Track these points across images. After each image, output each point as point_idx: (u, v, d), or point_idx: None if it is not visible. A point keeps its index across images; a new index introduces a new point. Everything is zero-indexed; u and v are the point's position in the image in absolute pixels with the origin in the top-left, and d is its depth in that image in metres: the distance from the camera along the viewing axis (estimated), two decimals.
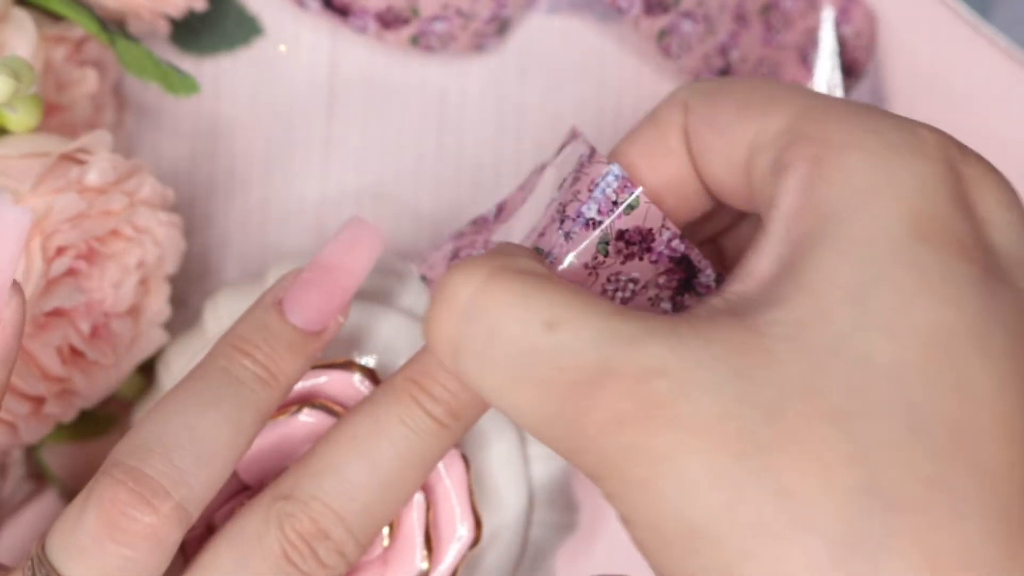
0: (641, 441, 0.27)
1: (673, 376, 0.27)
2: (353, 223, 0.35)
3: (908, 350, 0.27)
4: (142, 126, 0.50)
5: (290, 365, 0.34)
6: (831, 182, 0.28)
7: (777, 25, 0.50)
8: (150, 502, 0.32)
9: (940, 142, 0.29)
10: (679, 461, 0.26)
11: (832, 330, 0.27)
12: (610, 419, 0.27)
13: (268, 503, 0.33)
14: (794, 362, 0.27)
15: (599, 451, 0.28)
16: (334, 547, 0.33)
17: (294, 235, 0.50)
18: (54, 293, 0.40)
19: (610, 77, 0.51)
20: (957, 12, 0.51)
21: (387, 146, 0.51)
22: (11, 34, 0.41)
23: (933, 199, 0.28)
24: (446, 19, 0.48)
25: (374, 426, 0.33)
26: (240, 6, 0.50)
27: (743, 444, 0.26)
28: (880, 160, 0.28)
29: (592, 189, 0.32)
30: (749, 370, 0.27)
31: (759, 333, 0.27)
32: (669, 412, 0.27)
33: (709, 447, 0.26)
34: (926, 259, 0.27)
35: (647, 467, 0.27)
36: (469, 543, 0.37)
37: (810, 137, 0.29)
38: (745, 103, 0.31)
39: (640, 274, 0.32)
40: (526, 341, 0.28)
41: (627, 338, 0.28)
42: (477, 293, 0.29)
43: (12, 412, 0.40)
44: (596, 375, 0.27)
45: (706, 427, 0.26)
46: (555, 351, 0.28)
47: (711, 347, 0.27)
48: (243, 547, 0.33)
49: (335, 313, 0.35)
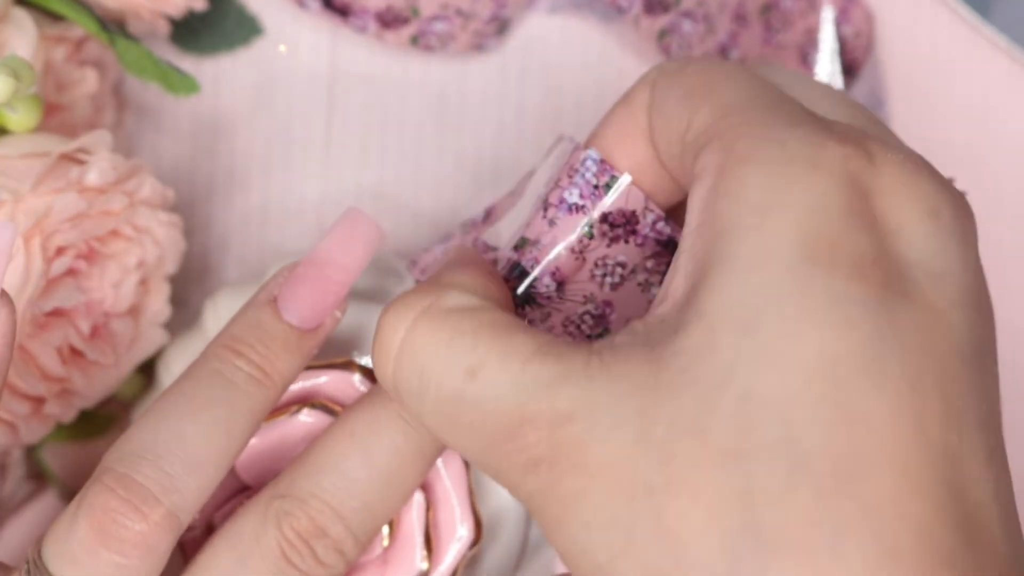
0: (552, 484, 0.28)
1: (580, 420, 0.27)
2: (349, 216, 0.35)
3: (792, 383, 0.26)
4: (142, 126, 0.50)
5: (285, 364, 0.34)
6: (728, 197, 0.28)
7: (777, 25, 0.50)
8: (140, 509, 0.31)
9: (844, 155, 0.28)
10: (582, 504, 0.27)
11: (720, 362, 0.26)
12: (528, 462, 0.28)
13: (266, 502, 0.33)
14: (686, 397, 0.26)
15: (523, 492, 0.28)
16: (332, 545, 0.33)
17: (294, 235, 0.50)
18: (54, 293, 0.40)
19: (610, 77, 0.51)
20: (957, 12, 0.51)
21: (387, 146, 0.51)
22: (11, 34, 0.41)
23: (827, 217, 0.27)
24: (446, 19, 0.48)
25: (372, 422, 0.33)
26: (240, 6, 0.50)
27: (636, 487, 0.26)
28: (775, 175, 0.27)
29: (572, 175, 0.32)
30: (648, 408, 0.27)
31: (661, 366, 0.27)
32: (576, 456, 0.27)
33: (607, 490, 0.27)
34: (815, 284, 0.26)
35: (558, 509, 0.28)
36: (469, 543, 0.37)
37: (721, 144, 0.29)
38: (690, 90, 0.30)
39: (627, 258, 0.32)
40: (451, 388, 0.29)
41: (544, 383, 0.28)
42: (406, 337, 0.30)
43: (12, 412, 0.40)
44: (515, 421, 0.28)
45: (606, 470, 0.27)
46: (477, 398, 0.29)
47: (618, 386, 0.27)
48: (241, 547, 0.33)
49: (331, 309, 0.35)
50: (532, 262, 0.32)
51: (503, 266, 0.33)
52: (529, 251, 0.33)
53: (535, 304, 0.33)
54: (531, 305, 0.33)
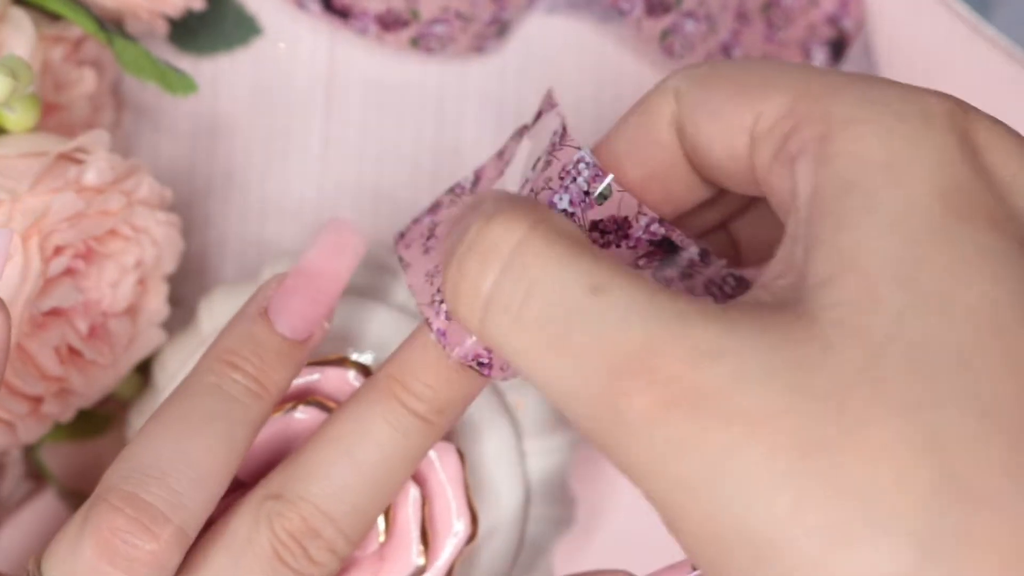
0: (692, 435, 0.25)
1: (728, 361, 0.25)
2: (333, 226, 0.34)
3: (964, 332, 0.25)
4: (140, 126, 0.50)
5: (280, 375, 0.34)
6: (845, 158, 0.27)
7: (778, 22, 0.50)
8: (150, 529, 0.31)
9: (948, 110, 0.27)
10: (738, 460, 0.24)
11: (886, 313, 0.25)
12: (655, 405, 0.25)
13: (258, 502, 0.33)
14: (851, 349, 0.25)
15: (641, 443, 0.25)
16: (324, 545, 0.33)
17: (292, 235, 0.50)
18: (52, 293, 0.40)
19: (610, 78, 0.51)
20: (957, 12, 0.51)
21: (386, 146, 0.51)
22: (9, 34, 0.41)
23: (957, 173, 0.26)
24: (446, 21, 0.48)
25: (357, 426, 0.33)
26: (238, 6, 0.50)
27: (806, 441, 0.24)
28: (894, 133, 0.27)
29: (563, 177, 0.31)
30: (807, 359, 0.25)
31: (812, 320, 0.25)
32: (724, 402, 0.24)
33: (770, 444, 0.24)
34: (963, 236, 0.26)
35: (700, 466, 0.25)
36: (465, 538, 0.37)
37: (812, 117, 0.28)
38: (740, 87, 0.30)
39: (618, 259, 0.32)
40: (568, 302, 0.26)
41: (677, 314, 0.25)
42: (519, 245, 0.27)
43: (10, 412, 0.40)
44: (642, 352, 0.25)
45: (765, 421, 0.24)
46: (598, 317, 0.26)
47: (767, 335, 0.25)
48: (234, 548, 0.33)
49: (321, 319, 0.35)
50: None
51: None
52: None
53: None
54: None
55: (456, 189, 0.36)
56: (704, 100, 0.30)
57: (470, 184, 0.36)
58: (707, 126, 0.30)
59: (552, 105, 0.33)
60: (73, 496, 0.47)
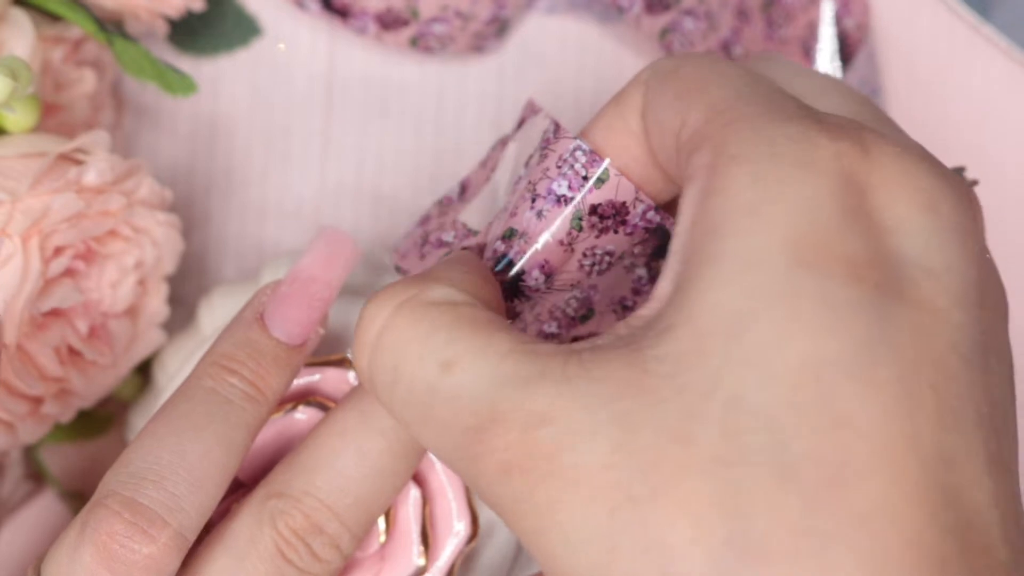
0: (526, 493, 0.26)
1: (556, 423, 0.26)
2: (326, 234, 0.35)
3: (779, 389, 0.25)
4: (140, 126, 0.50)
5: (276, 379, 0.34)
6: (717, 197, 0.27)
7: (779, 20, 0.50)
8: (148, 532, 0.31)
9: (837, 151, 0.27)
10: (560, 515, 0.26)
11: (708, 368, 0.26)
12: (499, 467, 0.27)
13: (260, 502, 0.33)
14: (672, 403, 0.26)
15: (493, 498, 0.27)
16: (329, 541, 0.33)
17: (292, 235, 0.50)
18: (52, 293, 0.40)
19: (608, 77, 0.51)
20: (957, 12, 0.51)
21: (385, 147, 0.51)
22: (9, 34, 0.41)
23: (818, 218, 0.26)
24: (445, 20, 0.48)
25: (361, 418, 0.33)
26: (238, 7, 0.50)
27: (618, 497, 0.25)
28: (766, 174, 0.27)
29: (560, 165, 0.32)
30: (630, 414, 0.26)
31: (644, 370, 0.26)
32: (552, 463, 0.26)
33: (587, 500, 0.26)
34: (805, 286, 0.26)
35: (534, 520, 0.26)
36: (466, 539, 0.37)
37: (711, 143, 0.28)
38: (683, 89, 0.30)
39: (615, 247, 0.32)
40: (424, 381, 0.28)
41: (519, 381, 0.27)
42: (384, 327, 0.29)
43: (10, 412, 0.40)
44: (487, 421, 0.27)
45: (585, 479, 0.26)
46: (450, 393, 0.28)
47: (597, 388, 0.26)
48: (238, 547, 0.33)
49: (315, 325, 0.35)
50: (520, 255, 0.32)
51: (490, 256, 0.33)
52: (517, 243, 0.32)
53: (523, 296, 0.33)
54: (519, 298, 0.33)
55: (444, 200, 0.37)
56: (658, 95, 0.30)
57: (456, 195, 0.36)
58: (652, 124, 0.31)
59: (535, 111, 0.34)
60: (73, 497, 0.47)
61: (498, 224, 0.33)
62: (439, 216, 0.36)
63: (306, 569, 0.33)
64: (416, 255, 0.35)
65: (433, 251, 0.35)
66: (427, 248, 0.35)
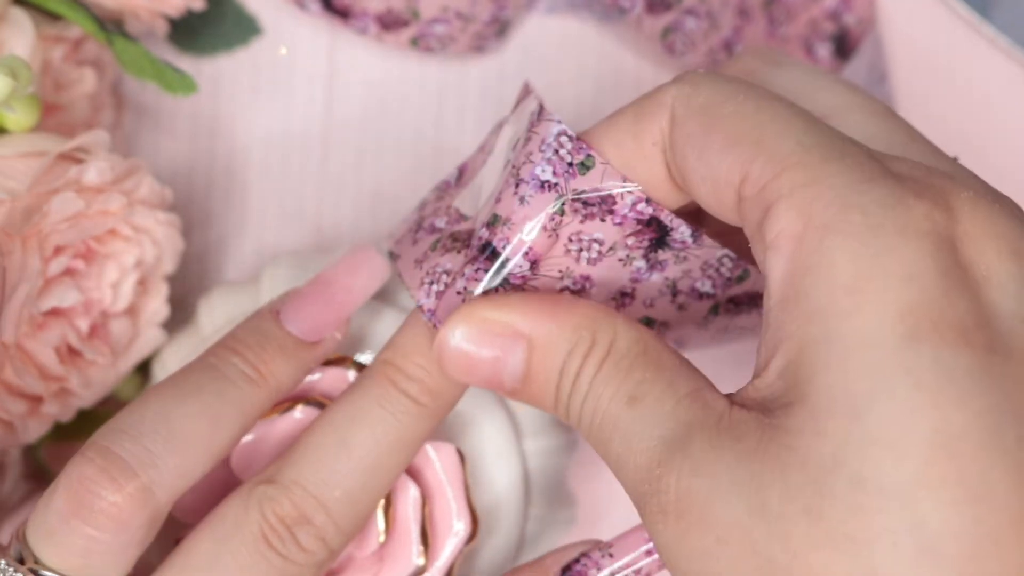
0: (680, 539, 0.28)
1: (707, 476, 0.28)
2: (360, 249, 0.36)
3: (911, 466, 0.26)
4: (140, 126, 0.50)
5: (280, 367, 0.35)
6: (815, 273, 0.27)
7: (780, 18, 0.50)
8: (116, 480, 0.32)
9: (926, 211, 0.27)
10: (711, 566, 0.27)
11: (827, 448, 0.26)
12: (658, 510, 0.28)
13: (249, 488, 0.33)
14: (795, 476, 0.26)
15: (654, 535, 0.29)
16: (315, 532, 0.33)
17: (292, 235, 0.50)
18: (52, 292, 0.40)
19: (609, 77, 0.51)
20: (957, 12, 0.51)
21: (386, 147, 0.51)
22: (9, 33, 0.41)
23: (923, 286, 0.26)
24: (446, 21, 0.48)
25: (351, 411, 0.34)
26: (238, 6, 0.50)
27: (761, 559, 0.27)
28: (864, 247, 0.27)
29: (544, 150, 0.32)
30: (764, 478, 0.27)
31: (772, 436, 0.27)
32: (701, 512, 0.27)
33: (734, 556, 0.27)
34: (922, 360, 0.26)
35: (687, 566, 0.28)
36: (466, 538, 0.37)
37: (794, 209, 0.28)
38: (733, 139, 0.29)
39: (604, 235, 0.32)
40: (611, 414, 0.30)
41: (684, 427, 0.29)
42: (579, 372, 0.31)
43: (10, 411, 0.40)
44: (654, 462, 0.29)
45: (731, 533, 0.27)
46: (630, 430, 0.29)
47: (737, 444, 0.28)
48: (223, 531, 0.33)
49: (331, 327, 0.36)
50: (504, 242, 0.32)
51: (476, 243, 0.33)
52: (501, 231, 0.32)
53: (508, 284, 0.32)
54: (504, 286, 0.32)
55: (442, 185, 0.37)
56: (695, 139, 0.30)
57: (454, 179, 0.36)
58: (695, 164, 0.30)
59: (528, 92, 0.33)
60: None
61: (484, 209, 0.33)
62: (436, 201, 0.36)
63: (289, 557, 0.33)
64: (409, 241, 0.35)
65: (425, 236, 0.35)
66: (420, 234, 0.35)
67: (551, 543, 0.43)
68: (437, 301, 0.33)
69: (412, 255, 0.35)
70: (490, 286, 0.32)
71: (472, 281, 0.32)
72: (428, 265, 0.34)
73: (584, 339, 0.31)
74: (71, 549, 0.32)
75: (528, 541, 0.42)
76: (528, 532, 0.41)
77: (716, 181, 0.30)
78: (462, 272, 0.33)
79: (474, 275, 0.32)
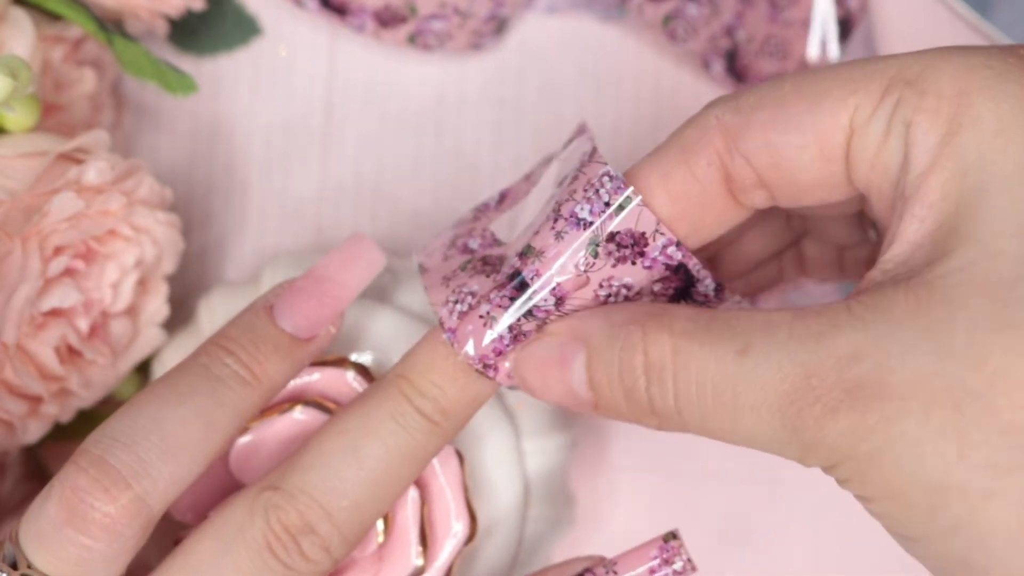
0: (859, 422, 0.28)
1: (867, 357, 0.28)
2: (353, 239, 0.36)
3: None
4: (140, 126, 0.50)
5: (274, 367, 0.34)
6: (963, 130, 0.29)
7: (782, 2, 0.50)
8: (109, 491, 0.32)
9: (1020, 54, 0.30)
10: (899, 428, 0.28)
11: (1007, 263, 0.28)
12: (823, 413, 0.29)
13: (255, 493, 0.33)
14: (976, 302, 0.28)
15: (823, 444, 0.29)
16: (319, 542, 0.33)
17: (292, 234, 0.50)
18: (52, 292, 0.40)
19: (608, 76, 0.51)
20: (957, 12, 0.51)
21: (385, 145, 0.51)
22: (9, 33, 0.41)
23: None
24: (444, 18, 0.48)
25: (364, 422, 0.33)
26: (238, 6, 0.50)
27: (955, 395, 0.27)
28: (1001, 94, 0.29)
29: (587, 189, 0.32)
30: (935, 325, 0.28)
31: (931, 288, 0.28)
32: (875, 389, 0.28)
33: (923, 407, 0.28)
34: None
35: (871, 441, 0.28)
36: (464, 539, 0.37)
37: (920, 91, 0.30)
38: (817, 95, 0.31)
39: (633, 279, 0.32)
40: (725, 376, 0.30)
41: (813, 338, 0.29)
42: (671, 353, 0.31)
43: (10, 412, 0.40)
44: (799, 381, 0.29)
45: (916, 390, 0.28)
46: (754, 374, 0.30)
47: (892, 317, 0.28)
48: (226, 535, 0.33)
49: (325, 322, 0.35)
50: (533, 274, 0.32)
51: (506, 270, 0.33)
52: (532, 263, 0.32)
53: (531, 316, 0.33)
54: (527, 317, 0.32)
55: (481, 206, 0.37)
56: (774, 123, 0.32)
57: (495, 203, 0.37)
58: (781, 141, 0.32)
59: (583, 131, 0.33)
60: None
61: (521, 239, 0.33)
62: (473, 221, 0.36)
63: (292, 567, 0.32)
64: (440, 256, 0.35)
65: (457, 255, 0.35)
66: (452, 251, 0.35)
67: (551, 543, 0.43)
68: (459, 321, 0.33)
69: (441, 271, 0.35)
70: (515, 316, 0.32)
71: (497, 308, 0.32)
72: (455, 283, 0.34)
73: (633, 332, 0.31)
74: (64, 557, 0.32)
75: (528, 541, 0.42)
76: (528, 532, 0.41)
77: (819, 134, 0.31)
78: (488, 297, 0.33)
79: (500, 302, 0.32)
